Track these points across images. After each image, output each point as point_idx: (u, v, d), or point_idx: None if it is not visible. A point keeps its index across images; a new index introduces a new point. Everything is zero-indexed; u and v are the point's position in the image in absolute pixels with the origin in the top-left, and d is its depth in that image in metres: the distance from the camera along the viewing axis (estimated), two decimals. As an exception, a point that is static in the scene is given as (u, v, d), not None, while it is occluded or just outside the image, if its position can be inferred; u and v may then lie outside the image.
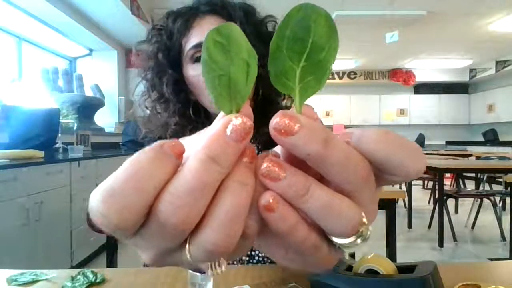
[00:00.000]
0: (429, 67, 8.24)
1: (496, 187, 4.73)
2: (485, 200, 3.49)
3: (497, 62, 7.45)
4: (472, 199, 4.04)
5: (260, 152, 0.53)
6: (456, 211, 4.35)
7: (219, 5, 0.68)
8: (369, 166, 0.19)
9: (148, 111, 0.75)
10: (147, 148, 0.17)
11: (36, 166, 2.10)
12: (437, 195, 3.47)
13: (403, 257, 2.72)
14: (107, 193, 0.16)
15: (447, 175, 5.09)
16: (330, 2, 4.37)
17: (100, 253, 2.85)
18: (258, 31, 0.70)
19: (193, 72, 0.68)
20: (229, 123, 0.17)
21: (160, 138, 0.68)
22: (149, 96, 0.74)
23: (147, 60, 0.72)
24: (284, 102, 0.78)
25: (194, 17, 0.68)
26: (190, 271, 0.47)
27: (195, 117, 0.71)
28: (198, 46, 0.65)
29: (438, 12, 4.64)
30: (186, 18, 0.67)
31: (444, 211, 3.09)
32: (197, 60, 0.66)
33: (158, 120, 0.73)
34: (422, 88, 9.05)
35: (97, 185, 0.17)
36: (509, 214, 2.82)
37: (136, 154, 0.17)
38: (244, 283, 0.52)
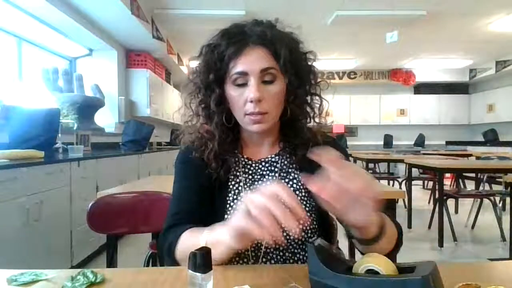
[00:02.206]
0: (429, 67, 8.24)
1: (496, 187, 4.74)
2: (485, 200, 3.49)
3: (497, 62, 7.45)
4: (472, 199, 4.04)
5: (288, 161, 0.85)
6: (456, 211, 4.35)
7: (269, 40, 0.76)
8: None
9: (190, 111, 0.86)
10: None
11: (36, 166, 2.10)
12: (437, 195, 3.47)
13: (403, 257, 2.72)
14: None
15: (447, 175, 5.10)
16: (330, 2, 4.37)
17: (100, 253, 2.86)
18: (297, 65, 0.79)
19: (233, 93, 0.77)
20: None
21: (196, 142, 0.83)
22: (194, 97, 0.84)
23: (197, 69, 0.83)
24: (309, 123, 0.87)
25: (245, 46, 0.75)
26: (190, 271, 0.47)
27: (227, 123, 0.81)
28: (241, 73, 0.74)
29: (438, 12, 4.64)
30: (238, 47, 0.75)
31: (444, 211, 3.09)
32: (237, 85, 0.76)
33: (197, 126, 0.85)
34: (422, 88, 9.04)
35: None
36: (509, 214, 2.81)
37: None
38: (244, 283, 0.52)
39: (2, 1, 2.99)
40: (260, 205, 0.50)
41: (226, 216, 0.80)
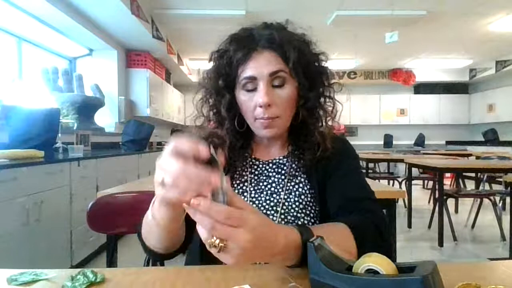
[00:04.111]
0: (429, 67, 8.24)
1: (496, 187, 4.74)
2: (485, 200, 3.49)
3: (497, 62, 7.45)
4: (472, 199, 4.04)
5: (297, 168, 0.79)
6: (456, 211, 4.35)
7: (277, 43, 0.74)
8: None
9: (202, 116, 0.85)
10: None
11: (36, 166, 2.10)
12: (437, 195, 3.47)
13: (403, 257, 2.73)
14: None
15: (447, 175, 5.10)
16: (330, 2, 4.37)
17: (100, 253, 2.86)
18: (308, 68, 0.77)
19: (243, 97, 0.76)
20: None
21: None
22: (206, 102, 0.83)
23: (208, 74, 0.82)
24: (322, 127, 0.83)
25: (253, 50, 0.74)
26: None
27: (239, 128, 0.81)
28: (250, 78, 0.74)
29: (438, 12, 4.64)
30: (246, 52, 0.74)
31: (444, 211, 3.09)
32: (247, 90, 0.75)
33: (209, 129, 0.84)
34: (422, 88, 9.05)
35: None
36: (509, 214, 2.81)
37: None
38: (244, 283, 0.52)
39: (2, 1, 2.99)
40: (169, 171, 0.45)
41: None
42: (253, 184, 0.83)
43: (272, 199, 0.80)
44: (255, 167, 0.85)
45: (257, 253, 0.47)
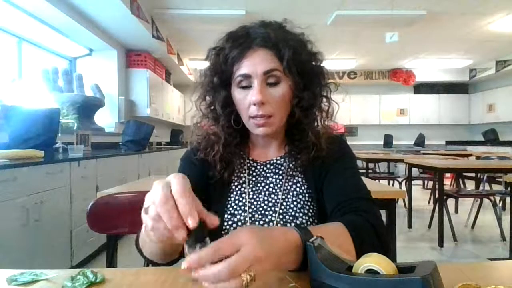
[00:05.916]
0: (429, 67, 8.24)
1: (496, 187, 4.74)
2: (485, 200, 3.49)
3: (497, 62, 7.45)
4: (472, 199, 4.04)
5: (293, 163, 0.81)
6: (456, 211, 4.35)
7: (272, 42, 0.75)
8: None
9: (200, 113, 0.86)
10: None
11: (36, 166, 2.10)
12: (437, 195, 3.47)
13: (403, 257, 2.72)
14: None
15: (447, 175, 5.10)
16: (330, 2, 4.37)
17: (100, 253, 2.86)
18: (303, 67, 0.77)
19: (238, 95, 0.77)
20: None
21: (206, 145, 0.83)
22: (204, 99, 0.84)
23: (205, 72, 0.83)
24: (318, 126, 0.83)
25: (248, 48, 0.75)
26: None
27: (235, 126, 0.81)
28: (244, 76, 0.75)
29: (438, 12, 4.64)
30: (241, 50, 0.75)
31: (444, 211, 3.09)
32: (242, 87, 0.76)
33: (205, 128, 0.86)
34: (422, 88, 9.05)
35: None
36: (509, 214, 2.82)
37: None
38: (244, 283, 0.52)
39: (2, 1, 2.99)
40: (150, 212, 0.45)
41: (226, 216, 0.79)
42: (251, 185, 0.83)
43: (270, 199, 0.80)
44: (253, 168, 0.86)
45: (272, 258, 0.46)
